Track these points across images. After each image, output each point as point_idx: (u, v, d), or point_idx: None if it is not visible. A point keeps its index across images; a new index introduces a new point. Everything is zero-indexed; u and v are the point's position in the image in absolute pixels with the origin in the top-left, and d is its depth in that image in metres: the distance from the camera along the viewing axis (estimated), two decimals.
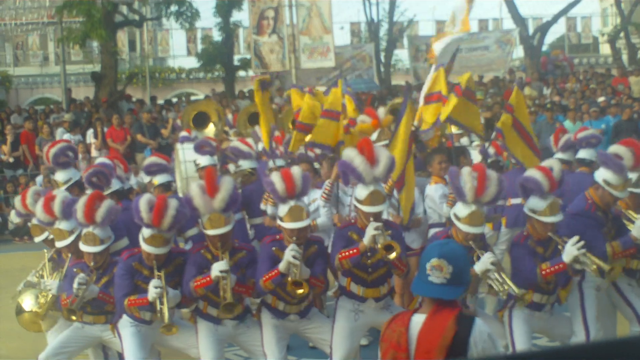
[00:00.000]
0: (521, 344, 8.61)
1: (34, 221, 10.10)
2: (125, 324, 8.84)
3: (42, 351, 9.46)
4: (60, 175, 11.42)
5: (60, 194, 9.59)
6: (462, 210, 8.39)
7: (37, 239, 10.25)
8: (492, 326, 8.78)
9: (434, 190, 10.83)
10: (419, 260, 5.86)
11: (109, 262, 9.04)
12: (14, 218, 22.52)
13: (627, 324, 9.60)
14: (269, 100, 13.24)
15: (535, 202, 8.59)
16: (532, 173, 8.75)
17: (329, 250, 8.99)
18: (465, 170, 8.46)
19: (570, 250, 8.16)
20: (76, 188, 11.17)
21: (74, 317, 8.75)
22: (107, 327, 9.11)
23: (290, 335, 9.28)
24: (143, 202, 8.49)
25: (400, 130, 10.39)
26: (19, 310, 9.96)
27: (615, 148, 9.23)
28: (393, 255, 8.09)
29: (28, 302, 9.87)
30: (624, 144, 9.27)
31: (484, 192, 8.31)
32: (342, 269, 8.49)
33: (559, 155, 11.99)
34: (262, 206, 11.41)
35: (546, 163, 9.04)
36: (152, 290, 8.33)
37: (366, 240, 8.23)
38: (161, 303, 8.31)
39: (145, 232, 8.54)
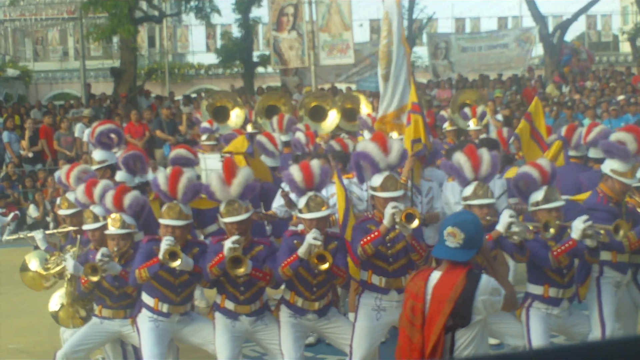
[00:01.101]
0: (538, 343, 8.59)
1: (68, 196, 10.30)
2: (144, 319, 8.86)
3: (60, 346, 9.51)
4: (97, 154, 11.60)
5: (103, 182, 9.75)
6: (468, 189, 8.78)
7: (63, 212, 10.41)
8: (510, 325, 8.80)
9: (450, 189, 10.78)
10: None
11: (130, 255, 9.06)
12: (32, 212, 22.62)
13: None
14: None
15: (534, 196, 8.74)
16: (523, 170, 8.94)
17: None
18: (457, 154, 8.90)
19: (577, 224, 8.19)
20: (109, 170, 11.37)
21: (94, 278, 8.73)
22: (127, 322, 9.12)
23: (308, 334, 9.29)
24: (161, 175, 8.87)
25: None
26: (24, 268, 10.18)
27: (616, 135, 9.18)
28: (415, 223, 8.12)
29: (34, 263, 10.11)
30: (625, 130, 9.24)
31: (480, 166, 8.73)
32: (365, 256, 8.45)
33: (572, 152, 11.87)
34: (275, 204, 11.29)
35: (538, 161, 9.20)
36: (163, 243, 8.39)
37: (386, 220, 8.24)
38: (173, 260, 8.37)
39: (163, 207, 8.79)
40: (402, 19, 12.45)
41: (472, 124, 16.89)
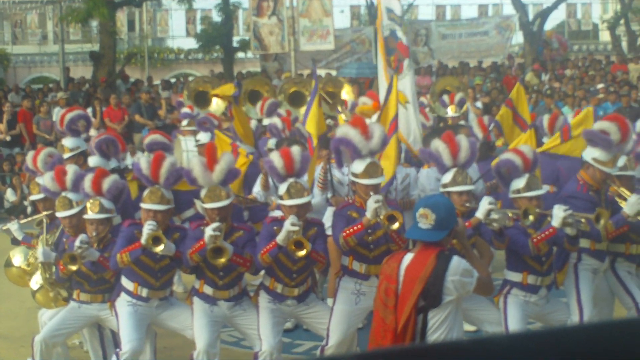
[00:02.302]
0: (516, 330, 8.61)
1: (38, 180, 10.23)
2: (122, 303, 8.84)
3: (37, 331, 9.48)
4: (68, 142, 11.54)
5: (72, 167, 9.69)
6: (447, 176, 8.78)
7: (34, 197, 10.37)
8: (488, 312, 8.83)
9: (426, 176, 10.76)
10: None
11: (108, 240, 9.04)
12: (10, 196, 22.51)
13: (624, 312, 9.59)
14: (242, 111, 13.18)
15: (515, 183, 8.75)
16: (505, 157, 8.94)
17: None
18: (436, 141, 8.89)
19: (557, 212, 8.25)
20: (81, 157, 11.33)
21: (73, 267, 8.70)
22: (105, 306, 9.11)
23: (286, 320, 9.30)
24: (144, 160, 8.88)
25: (388, 105, 10.37)
26: (8, 264, 10.11)
27: (600, 124, 9.22)
28: (396, 225, 8.14)
29: (18, 258, 10.04)
30: (609, 119, 9.27)
31: (459, 153, 8.72)
32: (347, 247, 8.49)
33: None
34: (255, 189, 11.27)
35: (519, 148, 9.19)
36: (146, 228, 8.37)
37: (369, 213, 8.26)
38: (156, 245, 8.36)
39: (145, 192, 8.77)
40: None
41: (450, 111, 16.88)
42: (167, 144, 12.00)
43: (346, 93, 20.50)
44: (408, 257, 6.41)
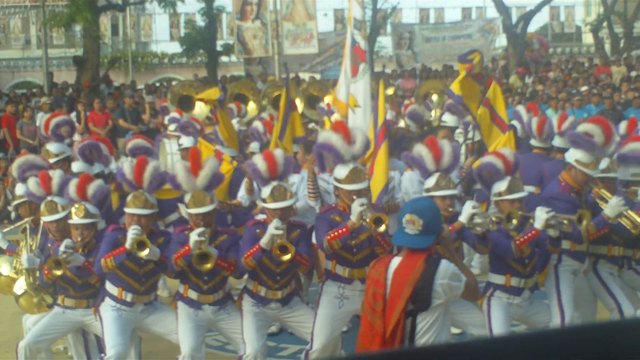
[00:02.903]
0: (500, 332, 8.64)
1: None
2: (107, 308, 8.84)
3: (22, 336, 9.45)
4: (53, 147, 11.53)
5: (58, 172, 9.66)
6: (430, 180, 8.77)
7: (17, 202, 10.34)
8: (472, 315, 8.85)
9: (409, 179, 10.77)
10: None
11: (93, 245, 9.02)
12: None
13: (607, 313, 9.62)
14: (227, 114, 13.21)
15: (497, 186, 8.76)
16: (486, 160, 8.95)
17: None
18: (419, 147, 8.89)
19: (540, 214, 8.28)
20: (66, 163, 11.37)
21: (58, 272, 8.67)
22: (89, 312, 9.09)
23: (271, 323, 9.30)
24: (127, 165, 8.87)
25: (378, 110, 10.39)
26: None
27: (584, 126, 9.26)
28: (382, 228, 8.15)
29: (5, 268, 9.95)
30: (593, 122, 9.30)
31: (442, 157, 8.73)
32: (331, 250, 8.49)
33: (537, 143, 11.87)
34: (240, 193, 11.26)
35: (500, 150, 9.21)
36: (131, 233, 8.37)
37: (354, 217, 8.25)
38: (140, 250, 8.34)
39: (128, 196, 8.78)
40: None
41: (434, 115, 16.94)
42: (150, 148, 12.01)
43: (330, 99, 20.46)
44: (395, 261, 6.42)
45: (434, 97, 17.53)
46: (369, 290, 6.50)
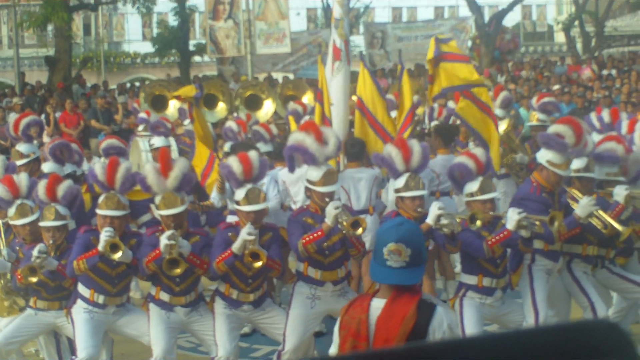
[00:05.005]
0: (472, 332, 8.66)
1: None
2: (79, 310, 8.79)
3: None
4: (23, 148, 11.47)
5: (24, 174, 9.61)
6: (399, 181, 8.77)
7: None
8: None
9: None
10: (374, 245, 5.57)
11: (65, 247, 8.97)
12: None
13: (581, 312, 9.66)
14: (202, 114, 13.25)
15: (469, 186, 8.80)
16: (458, 160, 9.04)
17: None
18: (388, 147, 8.95)
19: (512, 215, 8.29)
20: (37, 163, 11.34)
21: (34, 279, 8.60)
22: (61, 314, 9.04)
23: (243, 325, 9.29)
24: (99, 166, 8.83)
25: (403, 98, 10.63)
26: None
27: (555, 127, 9.29)
28: (360, 231, 8.17)
29: None
30: (563, 122, 9.34)
31: (411, 158, 8.73)
32: (306, 254, 8.50)
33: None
34: (212, 194, 11.24)
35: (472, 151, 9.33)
36: (104, 235, 8.30)
37: (329, 220, 8.24)
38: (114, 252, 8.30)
39: (100, 198, 8.71)
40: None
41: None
42: (123, 148, 12.00)
43: (307, 99, 20.47)
44: (377, 305, 5.20)
45: (414, 97, 17.51)
46: (347, 344, 5.25)
